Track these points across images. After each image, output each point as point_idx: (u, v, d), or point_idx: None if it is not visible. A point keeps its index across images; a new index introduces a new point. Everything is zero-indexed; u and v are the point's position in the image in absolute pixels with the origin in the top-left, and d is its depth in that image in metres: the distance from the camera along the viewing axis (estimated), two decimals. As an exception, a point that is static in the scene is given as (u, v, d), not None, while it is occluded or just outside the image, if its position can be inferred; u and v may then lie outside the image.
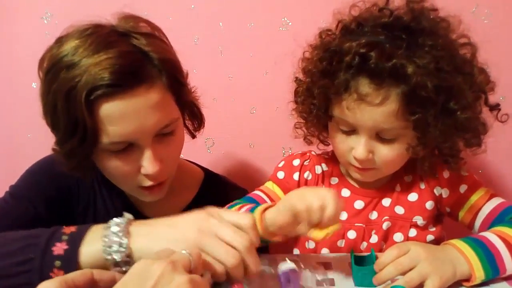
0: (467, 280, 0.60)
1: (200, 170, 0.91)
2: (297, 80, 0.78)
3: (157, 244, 0.54)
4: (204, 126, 0.83)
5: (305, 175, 0.83)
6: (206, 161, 0.96)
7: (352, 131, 0.70)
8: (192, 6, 1.07)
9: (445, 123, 0.64)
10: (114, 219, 0.58)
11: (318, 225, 0.58)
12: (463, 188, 0.75)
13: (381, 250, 0.76)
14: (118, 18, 0.70)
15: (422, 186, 0.77)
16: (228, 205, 0.77)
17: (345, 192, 0.81)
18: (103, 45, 0.62)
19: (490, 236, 0.63)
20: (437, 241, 0.76)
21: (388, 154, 0.69)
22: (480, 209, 0.74)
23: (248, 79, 1.09)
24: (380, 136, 0.68)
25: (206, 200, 0.83)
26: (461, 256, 0.60)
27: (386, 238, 0.76)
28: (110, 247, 0.55)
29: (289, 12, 1.04)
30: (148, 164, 0.67)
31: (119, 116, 0.63)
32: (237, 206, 0.78)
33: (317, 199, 0.57)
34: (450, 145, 0.69)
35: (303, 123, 0.80)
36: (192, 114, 0.79)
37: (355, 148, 0.70)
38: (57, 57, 0.64)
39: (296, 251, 0.85)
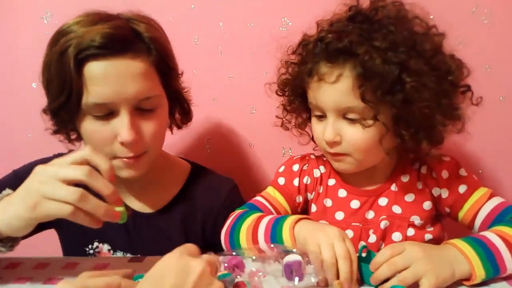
0: (467, 279, 0.60)
1: (187, 164, 0.92)
2: (279, 78, 0.83)
3: (10, 209, 0.58)
4: (191, 120, 0.87)
5: (304, 180, 0.85)
6: (206, 161, 0.96)
7: (323, 116, 0.74)
8: (192, 6, 1.07)
9: (395, 94, 0.67)
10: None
11: None
12: (462, 189, 0.75)
13: (379, 250, 0.76)
14: (129, 12, 0.75)
15: (420, 186, 0.77)
16: (231, 215, 0.79)
17: (342, 193, 0.82)
18: (102, 19, 0.70)
19: (490, 235, 0.63)
20: (436, 241, 0.76)
21: (356, 135, 0.71)
22: (479, 209, 0.73)
23: (248, 79, 1.09)
24: (346, 117, 0.71)
25: (192, 192, 0.86)
26: (461, 255, 0.60)
27: (384, 238, 0.77)
28: None
29: (289, 12, 1.04)
30: (123, 130, 0.70)
31: (102, 76, 0.68)
32: (238, 211, 0.79)
33: (329, 257, 0.59)
34: (411, 120, 0.68)
35: (284, 115, 0.85)
36: (181, 108, 0.84)
37: (324, 131, 0.73)
38: (62, 27, 0.71)
39: None
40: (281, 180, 0.86)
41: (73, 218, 0.56)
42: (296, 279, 0.56)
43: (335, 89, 0.69)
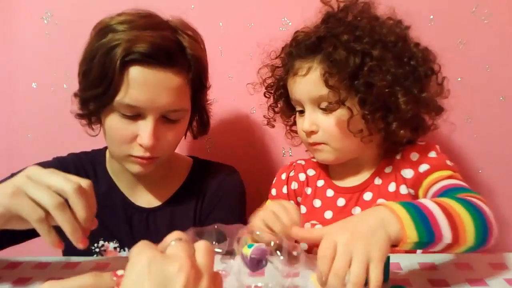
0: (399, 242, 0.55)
1: (189, 158, 0.95)
2: (264, 81, 0.90)
3: None
4: (207, 133, 0.90)
5: (292, 185, 0.90)
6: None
7: (303, 110, 0.79)
8: (192, 6, 1.07)
9: (358, 80, 0.73)
10: None
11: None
12: (423, 168, 0.75)
13: None
14: (176, 19, 0.79)
15: (396, 172, 0.79)
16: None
17: (330, 192, 0.85)
18: (151, 26, 0.72)
19: (426, 201, 0.59)
20: None
21: (327, 123, 0.76)
22: (431, 186, 0.72)
23: (248, 79, 1.09)
24: (321, 108, 0.77)
25: (195, 182, 0.89)
26: (391, 213, 0.55)
27: None
28: None
29: (289, 12, 1.05)
30: (145, 135, 0.73)
31: (141, 82, 0.71)
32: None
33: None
34: (378, 106, 0.73)
35: (272, 115, 0.91)
36: (200, 119, 0.87)
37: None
38: (111, 21, 0.73)
39: None
40: (273, 191, 0.91)
41: (38, 226, 0.55)
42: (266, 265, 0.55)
43: (306, 80, 0.76)
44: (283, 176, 0.91)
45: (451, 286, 0.60)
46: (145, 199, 0.87)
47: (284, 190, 0.89)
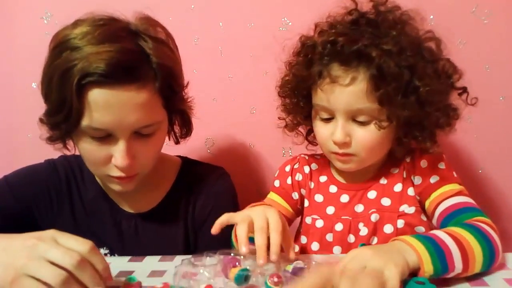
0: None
1: (177, 159, 0.92)
2: (282, 80, 0.84)
3: None
4: (190, 135, 0.85)
5: (296, 177, 0.88)
6: (206, 161, 0.96)
7: (331, 118, 0.75)
8: (192, 6, 1.07)
9: (408, 97, 0.69)
10: None
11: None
12: (434, 179, 0.76)
13: (370, 244, 0.76)
14: (136, 18, 0.73)
15: (405, 175, 0.79)
16: None
17: (333, 188, 0.84)
18: (109, 37, 0.66)
19: (440, 233, 0.62)
20: None
21: (365, 137, 0.73)
22: (442, 201, 0.74)
23: (248, 79, 1.09)
24: (356, 120, 0.73)
25: (184, 186, 0.86)
26: (410, 247, 0.58)
27: (376, 231, 0.77)
28: None
29: (289, 12, 1.05)
30: (119, 156, 0.70)
31: (104, 105, 0.66)
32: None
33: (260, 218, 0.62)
34: (418, 121, 0.72)
35: (286, 116, 0.86)
36: (182, 122, 0.82)
37: (333, 133, 0.74)
38: (66, 37, 0.68)
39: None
40: (277, 183, 0.90)
41: None
42: None
43: (349, 91, 0.70)
44: (287, 168, 0.90)
45: (451, 286, 0.60)
46: (134, 205, 0.85)
47: (289, 181, 0.88)
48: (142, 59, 0.69)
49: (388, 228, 0.76)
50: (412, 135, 0.74)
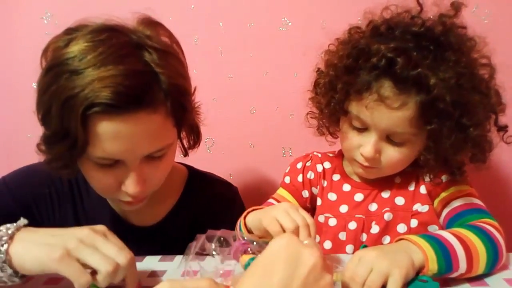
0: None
1: (184, 168, 0.89)
2: (319, 71, 0.80)
3: (35, 249, 0.54)
4: (199, 145, 0.80)
5: (308, 175, 0.87)
6: (206, 161, 0.96)
7: (364, 129, 0.72)
8: (192, 6, 1.07)
9: (457, 137, 0.66)
10: (5, 225, 0.57)
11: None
12: (444, 178, 0.76)
13: (381, 242, 0.77)
14: (138, 21, 0.67)
15: (418, 173, 0.79)
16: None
17: (346, 187, 0.83)
18: (113, 58, 0.59)
19: (446, 234, 0.62)
20: None
21: (394, 156, 0.72)
22: (449, 202, 0.74)
23: (248, 79, 1.09)
24: (390, 138, 0.71)
25: (192, 200, 0.83)
26: (415, 246, 0.58)
27: (388, 230, 0.77)
28: None
29: (289, 12, 1.04)
30: (131, 184, 0.65)
31: (113, 136, 0.60)
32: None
33: (290, 223, 0.60)
34: (458, 158, 0.71)
35: (317, 114, 0.82)
36: (190, 132, 0.77)
37: (363, 145, 0.72)
38: (62, 57, 0.60)
39: None
40: (287, 179, 0.88)
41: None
42: None
43: (395, 115, 0.67)
44: (299, 165, 0.88)
45: (451, 286, 0.60)
46: (138, 218, 0.81)
47: (300, 178, 0.87)
48: (151, 80, 0.61)
49: (401, 228, 0.76)
50: (447, 167, 0.72)
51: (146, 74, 0.61)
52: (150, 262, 0.72)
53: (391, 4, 0.73)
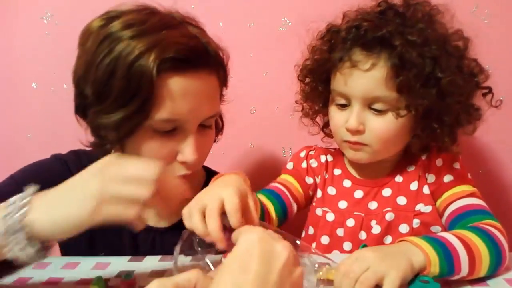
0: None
1: (201, 169, 0.89)
2: (303, 63, 0.83)
3: (59, 209, 0.51)
4: (222, 134, 0.82)
5: (311, 162, 0.88)
6: (206, 161, 0.96)
7: (347, 105, 0.74)
8: (192, 6, 1.07)
9: (429, 87, 0.68)
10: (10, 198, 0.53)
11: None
12: (447, 178, 0.76)
13: (383, 242, 0.76)
14: (173, 10, 0.69)
15: (420, 173, 0.79)
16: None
17: (347, 183, 0.84)
18: (166, 24, 0.62)
19: (448, 236, 0.62)
20: None
21: (379, 127, 0.72)
22: (452, 202, 0.73)
23: (248, 79, 1.09)
24: (372, 108, 0.72)
25: None
26: (417, 248, 0.58)
27: (391, 230, 0.77)
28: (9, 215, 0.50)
29: (289, 12, 1.05)
30: (189, 151, 0.65)
31: (181, 93, 0.62)
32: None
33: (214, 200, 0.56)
34: (437, 114, 0.71)
35: (304, 101, 0.85)
36: (220, 119, 0.79)
37: (348, 119, 0.73)
38: (113, 28, 0.61)
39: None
40: (290, 165, 0.89)
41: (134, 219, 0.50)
42: None
43: (368, 77, 0.70)
44: (302, 154, 0.89)
45: (452, 286, 0.60)
46: (154, 218, 0.79)
47: (304, 164, 0.87)
48: (203, 45, 0.65)
49: (403, 228, 0.76)
50: (431, 128, 0.72)
51: (198, 39, 0.64)
52: (150, 262, 0.72)
53: (363, 3, 0.76)
